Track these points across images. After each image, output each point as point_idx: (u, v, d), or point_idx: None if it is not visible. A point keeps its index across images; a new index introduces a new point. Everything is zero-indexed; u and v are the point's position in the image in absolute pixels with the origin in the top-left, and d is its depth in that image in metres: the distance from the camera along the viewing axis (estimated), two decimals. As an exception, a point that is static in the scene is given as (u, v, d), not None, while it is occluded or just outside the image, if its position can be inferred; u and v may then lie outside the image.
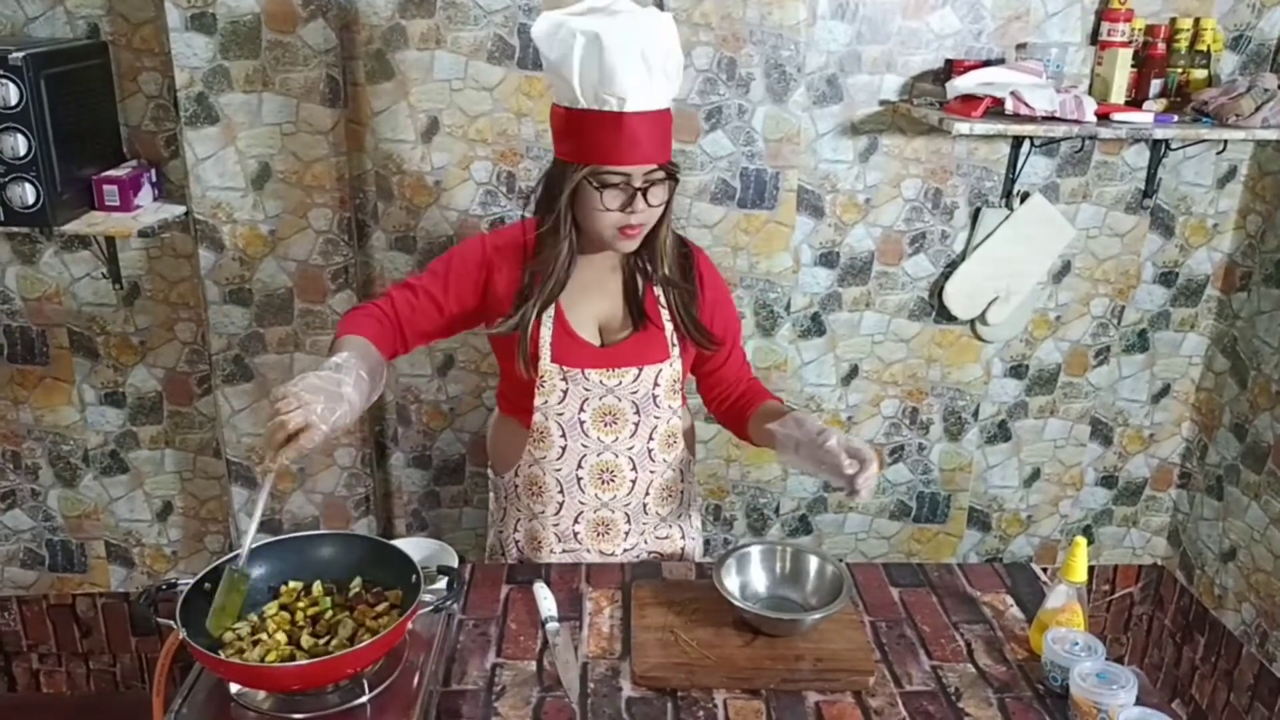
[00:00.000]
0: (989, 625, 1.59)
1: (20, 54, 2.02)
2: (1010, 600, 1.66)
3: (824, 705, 1.40)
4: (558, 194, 1.57)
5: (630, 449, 1.74)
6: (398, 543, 1.46)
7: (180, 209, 2.36)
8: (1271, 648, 2.54)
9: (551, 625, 1.52)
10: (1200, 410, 2.84)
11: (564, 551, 1.80)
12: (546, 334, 1.66)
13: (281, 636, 1.31)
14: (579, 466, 1.74)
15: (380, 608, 1.37)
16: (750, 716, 1.37)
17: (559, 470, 1.74)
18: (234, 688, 1.29)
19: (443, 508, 2.78)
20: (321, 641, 1.31)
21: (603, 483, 1.75)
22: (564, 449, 1.72)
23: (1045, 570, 1.81)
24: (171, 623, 1.23)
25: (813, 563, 1.59)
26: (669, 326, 1.71)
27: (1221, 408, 2.75)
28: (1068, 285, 2.70)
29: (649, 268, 1.68)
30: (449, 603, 1.35)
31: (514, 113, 2.41)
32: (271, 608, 1.37)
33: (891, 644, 1.54)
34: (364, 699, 1.28)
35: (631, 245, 1.61)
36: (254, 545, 1.38)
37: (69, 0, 2.28)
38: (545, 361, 1.66)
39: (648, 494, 1.79)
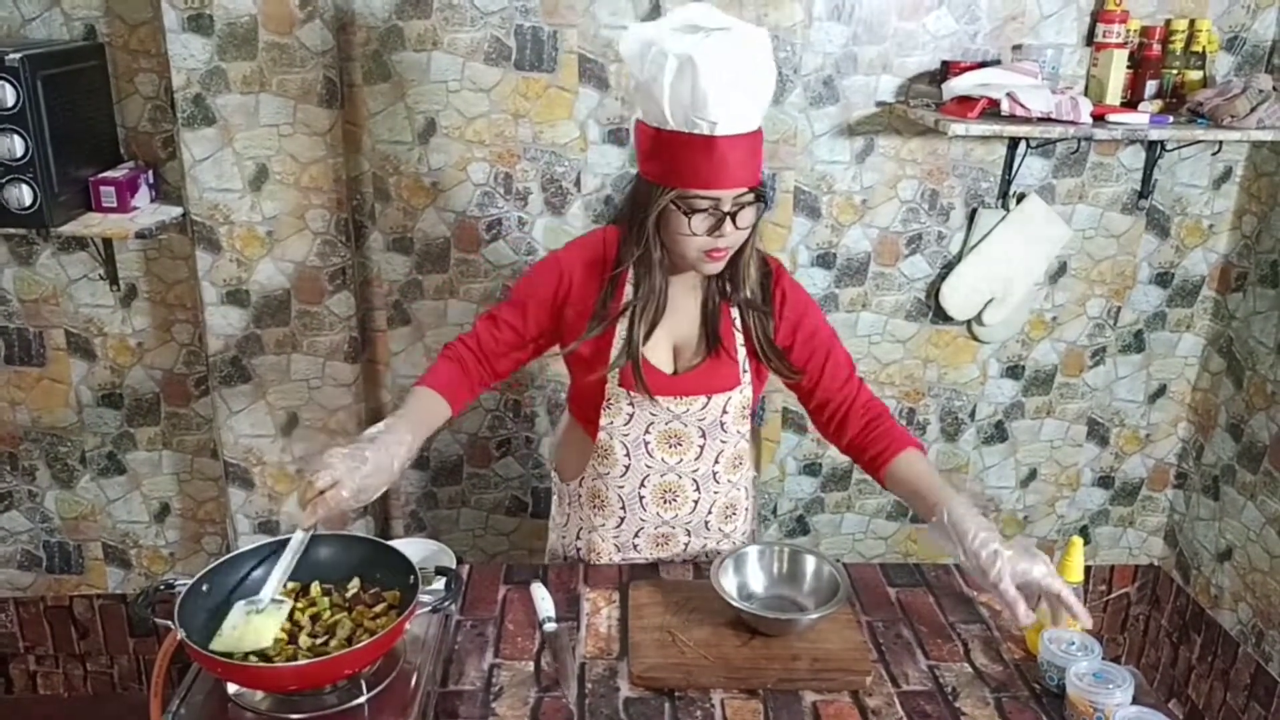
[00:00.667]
0: (986, 625, 1.59)
1: (17, 55, 2.01)
2: (1007, 600, 1.66)
3: (821, 705, 1.40)
4: (644, 216, 1.53)
5: (695, 471, 1.72)
6: (395, 543, 1.46)
7: (177, 210, 2.36)
8: (1267, 647, 2.55)
9: (549, 626, 1.52)
10: (1196, 410, 2.85)
11: (622, 560, 1.80)
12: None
13: (280, 636, 1.31)
14: (642, 485, 1.72)
15: (378, 608, 1.37)
16: (748, 716, 1.37)
17: (621, 487, 1.73)
18: (232, 688, 1.29)
19: (440, 509, 2.78)
20: (319, 642, 1.31)
21: (665, 502, 1.74)
22: (628, 468, 1.71)
23: (1042, 570, 1.81)
24: (169, 623, 1.23)
25: (810, 563, 1.59)
26: (742, 351, 1.66)
27: (1217, 408, 2.75)
28: (1064, 286, 2.70)
29: (728, 288, 1.62)
30: (447, 603, 1.35)
31: (511, 114, 2.42)
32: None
33: (889, 644, 1.54)
34: (362, 699, 1.28)
35: (717, 268, 1.55)
36: (254, 546, 1.39)
37: (66, 1, 2.28)
38: (613, 385, 1.64)
39: (710, 512, 1.77)
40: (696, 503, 1.74)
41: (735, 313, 1.65)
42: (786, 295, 1.66)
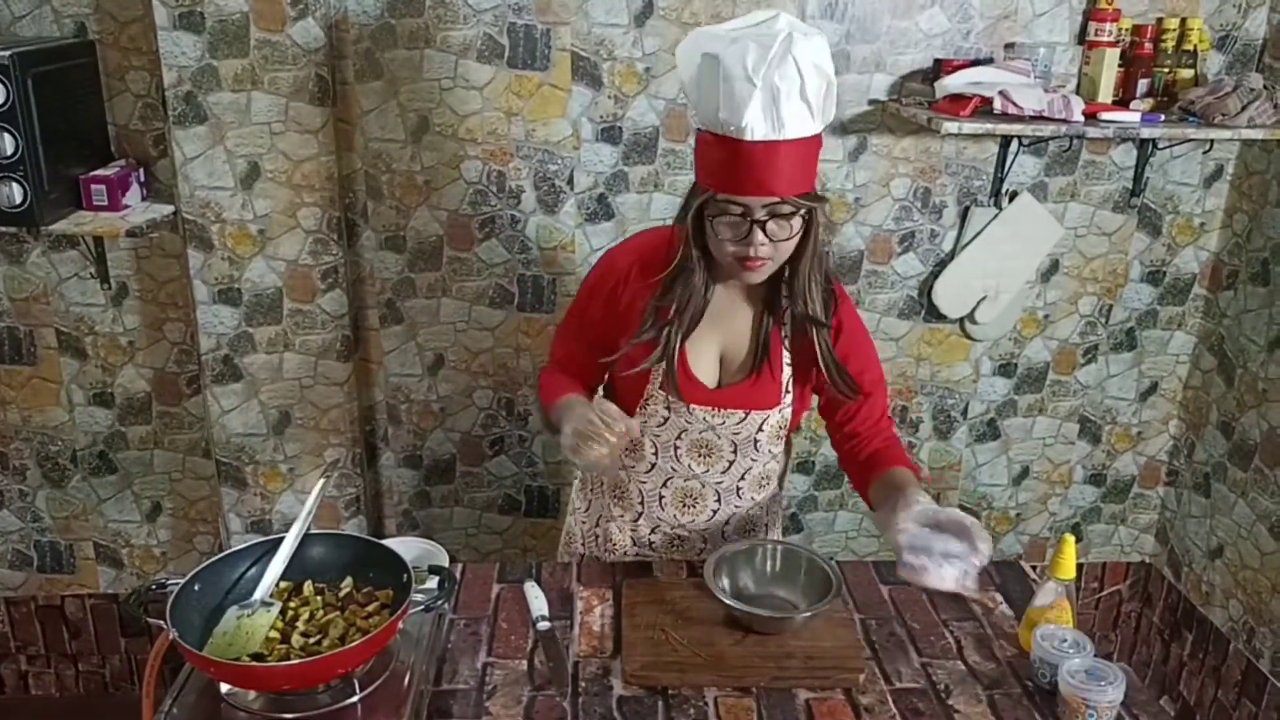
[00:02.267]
0: (978, 623, 1.60)
1: (7, 53, 2.01)
2: (999, 598, 1.67)
3: (814, 703, 1.40)
4: (683, 217, 1.51)
5: (719, 484, 1.71)
6: (388, 542, 1.46)
7: (169, 208, 2.35)
8: (1258, 644, 2.56)
9: (543, 625, 1.52)
10: (1188, 408, 2.86)
11: (637, 554, 1.80)
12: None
13: (273, 636, 1.31)
14: (664, 485, 1.73)
15: (371, 607, 1.37)
16: (741, 714, 1.37)
17: (644, 484, 1.74)
18: (224, 688, 1.29)
19: (433, 507, 2.77)
20: (312, 641, 1.31)
21: (684, 506, 1.74)
22: (653, 465, 1.71)
23: (1034, 568, 1.82)
24: (161, 623, 1.23)
25: (803, 561, 1.59)
26: (787, 371, 1.63)
27: (1209, 405, 2.76)
28: (1056, 284, 2.71)
29: (785, 304, 1.57)
30: (440, 602, 1.35)
31: (504, 112, 2.41)
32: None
33: (882, 641, 1.54)
34: (355, 699, 1.28)
35: (755, 277, 1.51)
36: (247, 545, 1.39)
37: (56, -1, 2.27)
38: (653, 386, 1.63)
39: (727, 524, 1.77)
40: (715, 513, 1.74)
41: (785, 331, 1.60)
42: (844, 325, 1.62)
